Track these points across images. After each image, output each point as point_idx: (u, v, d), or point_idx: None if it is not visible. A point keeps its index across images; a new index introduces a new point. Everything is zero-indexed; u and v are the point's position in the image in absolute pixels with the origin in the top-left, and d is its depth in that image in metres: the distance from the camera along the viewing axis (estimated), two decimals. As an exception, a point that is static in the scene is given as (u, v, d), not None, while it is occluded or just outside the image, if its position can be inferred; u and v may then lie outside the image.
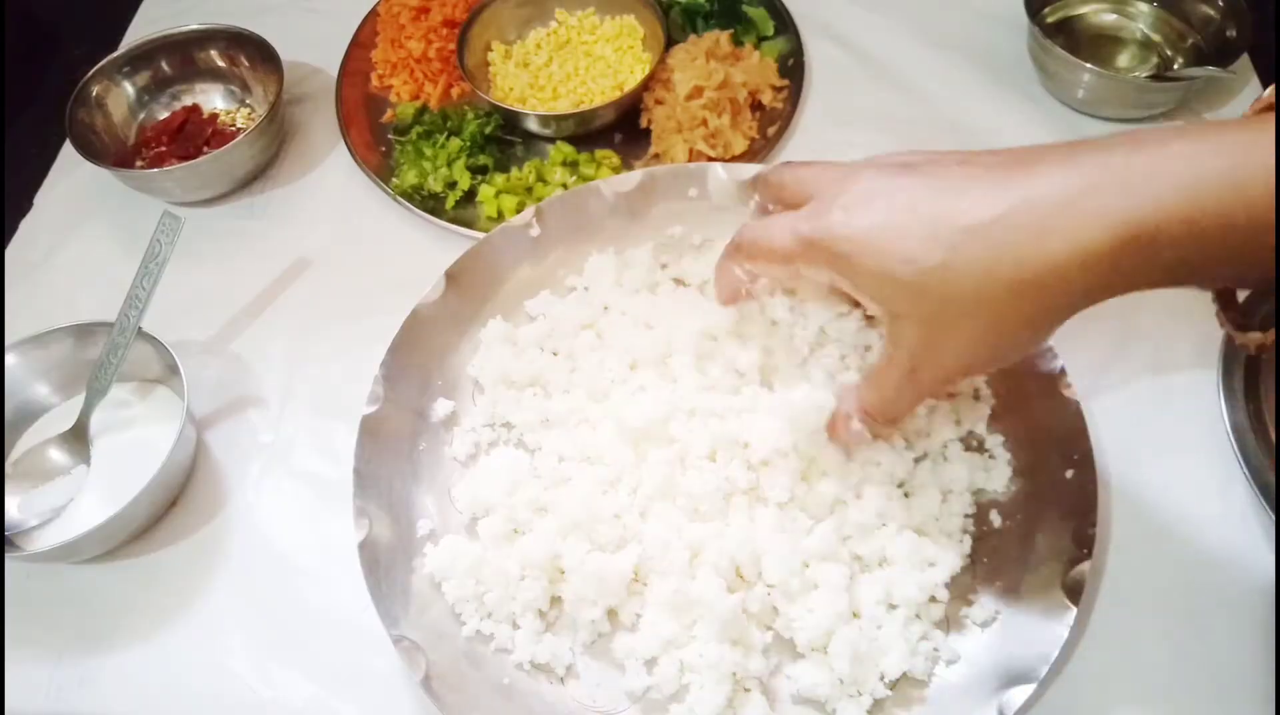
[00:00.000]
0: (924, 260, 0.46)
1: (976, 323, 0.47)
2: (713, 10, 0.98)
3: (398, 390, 0.72)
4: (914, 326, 0.49)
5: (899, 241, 0.47)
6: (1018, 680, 0.57)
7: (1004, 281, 0.45)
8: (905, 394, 0.54)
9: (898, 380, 0.53)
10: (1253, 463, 0.67)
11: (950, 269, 0.46)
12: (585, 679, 0.64)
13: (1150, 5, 0.95)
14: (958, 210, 0.46)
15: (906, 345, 0.50)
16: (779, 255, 0.53)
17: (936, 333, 0.49)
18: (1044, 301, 0.46)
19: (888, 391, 0.54)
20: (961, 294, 0.46)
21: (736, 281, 0.60)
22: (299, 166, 0.96)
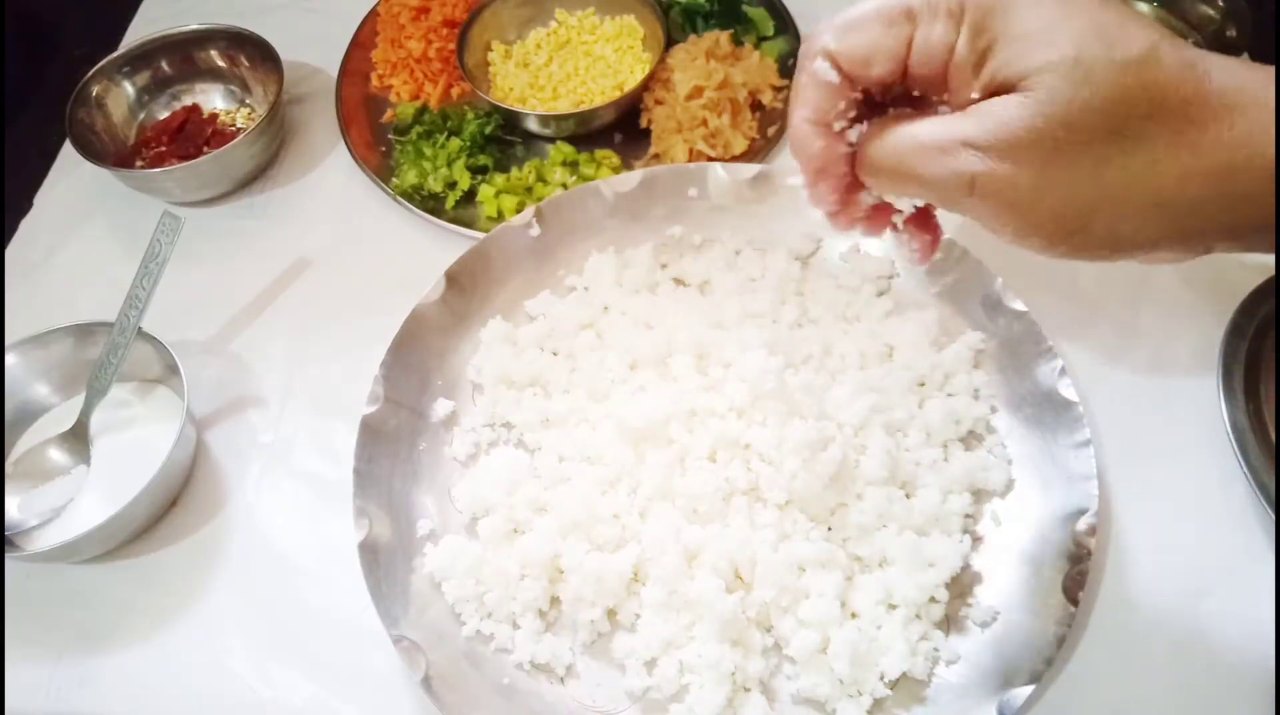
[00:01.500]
0: (1120, 44, 0.36)
1: (1115, 156, 0.37)
2: (713, 10, 0.98)
3: (398, 390, 0.72)
4: (1035, 108, 0.37)
5: (1086, 10, 0.37)
6: (1018, 680, 0.57)
7: (1179, 135, 0.36)
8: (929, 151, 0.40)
9: (939, 133, 0.40)
10: (1253, 463, 0.67)
11: (1144, 72, 0.36)
12: (585, 679, 0.64)
13: (1150, 5, 0.95)
14: (1161, 30, 0.37)
15: (1001, 118, 0.38)
16: (898, 11, 0.40)
17: (1059, 129, 0.37)
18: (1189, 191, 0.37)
19: (916, 134, 0.41)
20: (1132, 112, 0.36)
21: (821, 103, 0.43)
22: (299, 166, 0.96)
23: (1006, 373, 0.71)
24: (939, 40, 0.39)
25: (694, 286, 0.79)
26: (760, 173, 0.80)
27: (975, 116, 0.38)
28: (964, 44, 0.39)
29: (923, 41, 0.40)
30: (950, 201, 0.40)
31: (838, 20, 0.42)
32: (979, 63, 0.39)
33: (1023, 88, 0.37)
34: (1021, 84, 0.37)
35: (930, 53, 0.40)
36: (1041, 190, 0.37)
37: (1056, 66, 0.37)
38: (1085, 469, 0.64)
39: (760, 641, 0.61)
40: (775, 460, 0.63)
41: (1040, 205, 0.38)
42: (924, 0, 0.40)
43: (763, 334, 0.69)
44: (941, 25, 0.39)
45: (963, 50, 0.39)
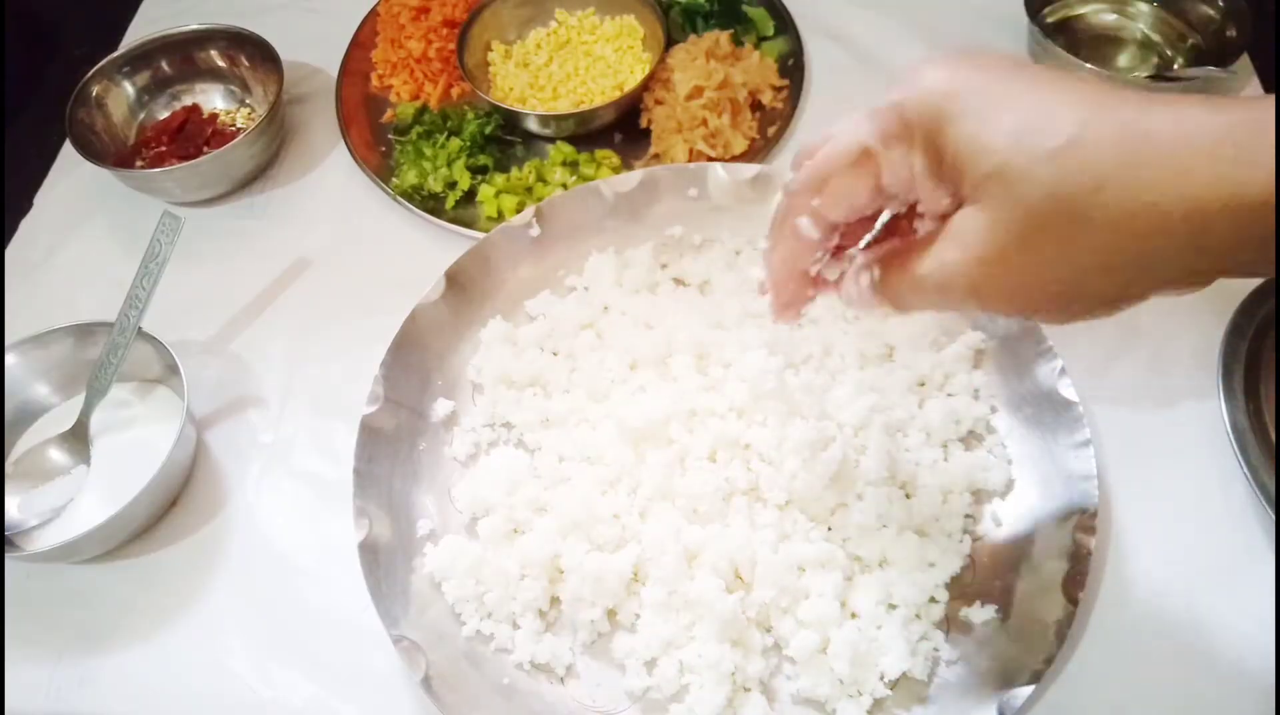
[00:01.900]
0: (1047, 134, 0.37)
1: (1075, 236, 0.38)
2: (713, 10, 0.98)
3: (398, 390, 0.72)
4: (991, 217, 0.40)
5: (1018, 106, 0.39)
6: (1018, 680, 0.57)
7: (1131, 201, 0.36)
8: (931, 290, 0.43)
9: (934, 271, 0.43)
10: (1253, 463, 0.67)
11: (1075, 156, 0.37)
12: (585, 679, 0.64)
13: (1150, 5, 0.95)
14: (1095, 100, 0.38)
15: (969, 238, 0.41)
16: (857, 150, 0.43)
17: (1016, 233, 0.39)
18: (1157, 244, 0.37)
19: (917, 277, 0.44)
20: (1075, 194, 0.37)
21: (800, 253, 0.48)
22: (299, 166, 0.96)
23: (1006, 373, 0.71)
24: (900, 165, 0.43)
25: (694, 286, 0.79)
26: (760, 173, 0.80)
27: (949, 240, 0.42)
28: (918, 162, 0.42)
29: (888, 170, 0.43)
30: (964, 309, 0.47)
31: (809, 175, 0.45)
32: (937, 175, 0.42)
33: (977, 198, 0.40)
34: (975, 194, 0.40)
35: (898, 177, 0.43)
36: (1026, 279, 0.40)
37: (994, 174, 0.39)
38: (1085, 469, 0.64)
39: (760, 641, 0.61)
40: (775, 460, 0.63)
41: (1027, 294, 0.41)
42: (877, 133, 0.43)
43: (763, 334, 0.69)
44: (897, 152, 0.42)
45: (919, 169, 0.42)
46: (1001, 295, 0.42)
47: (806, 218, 0.46)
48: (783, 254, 0.49)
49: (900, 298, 0.46)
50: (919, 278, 0.43)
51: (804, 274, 0.49)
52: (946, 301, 0.44)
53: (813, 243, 0.47)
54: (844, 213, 0.45)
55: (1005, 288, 0.41)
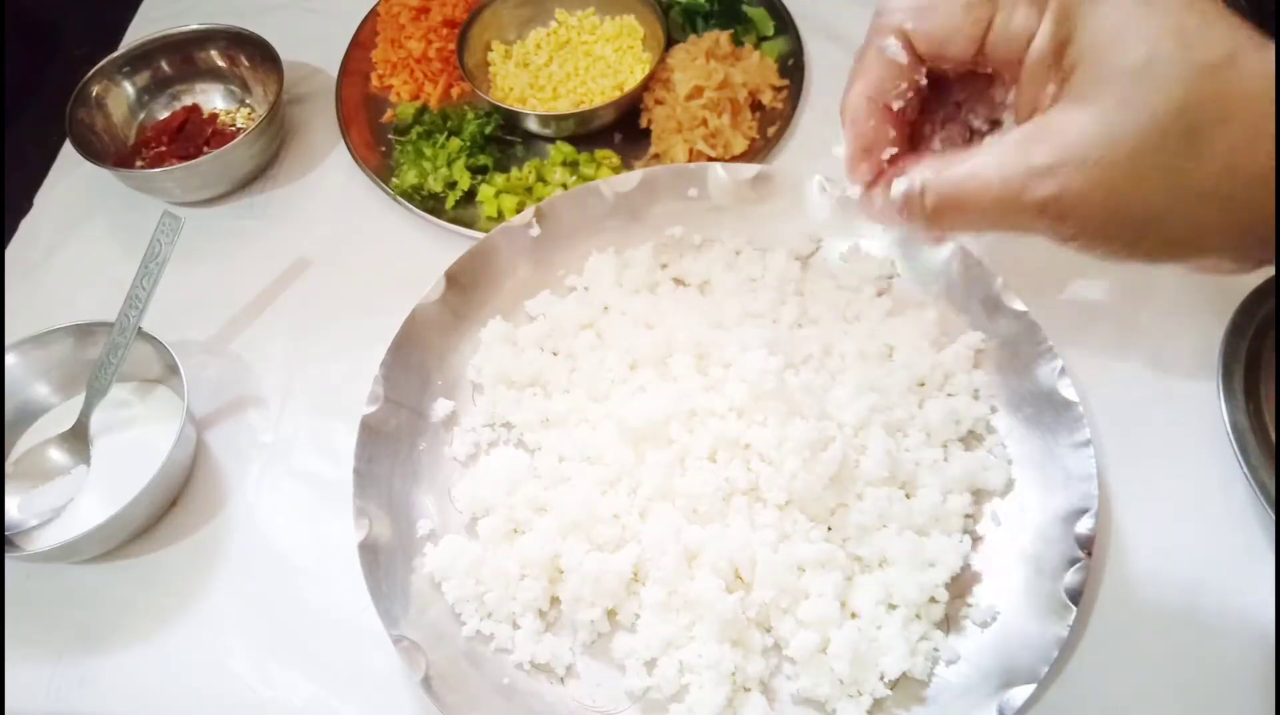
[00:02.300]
0: (1198, 48, 0.35)
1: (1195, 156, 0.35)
2: (713, 10, 0.98)
3: (398, 390, 0.72)
4: (1111, 118, 0.36)
5: (1172, 8, 0.36)
6: (1018, 680, 0.57)
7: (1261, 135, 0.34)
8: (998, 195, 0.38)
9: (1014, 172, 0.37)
10: (1253, 463, 0.67)
11: (1224, 76, 0.34)
12: (585, 679, 0.64)
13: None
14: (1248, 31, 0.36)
15: (1074, 137, 0.36)
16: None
17: (1135, 141, 0.35)
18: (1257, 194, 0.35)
19: (988, 177, 0.38)
20: (1212, 115, 0.34)
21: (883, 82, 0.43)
22: (299, 166, 0.96)
23: (1006, 373, 0.71)
24: (1019, 27, 0.39)
25: (694, 286, 0.79)
26: (760, 173, 0.80)
27: (1041, 138, 0.37)
28: (1044, 34, 0.38)
29: (1003, 27, 0.39)
30: (1020, 229, 0.39)
31: (909, 2, 0.41)
32: (1057, 55, 0.38)
33: (1093, 95, 0.36)
34: (1092, 90, 0.36)
35: (1009, 39, 0.39)
36: (1113, 201, 0.36)
37: (1128, 72, 0.35)
38: (1085, 469, 0.64)
39: (760, 641, 0.61)
40: (775, 460, 0.63)
41: (1110, 215, 0.37)
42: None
43: (763, 334, 0.69)
44: (1023, 11, 0.38)
45: (1042, 41, 0.38)
46: (1086, 209, 0.37)
47: (893, 38, 0.41)
48: (862, 84, 0.42)
49: (950, 198, 0.39)
50: (986, 177, 0.38)
51: (885, 110, 0.42)
52: (1011, 212, 0.38)
53: (896, 69, 0.41)
54: (934, 46, 0.40)
55: (1095, 202, 0.36)
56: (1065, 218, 0.37)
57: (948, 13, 0.40)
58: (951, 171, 0.39)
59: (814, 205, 0.80)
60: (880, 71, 0.42)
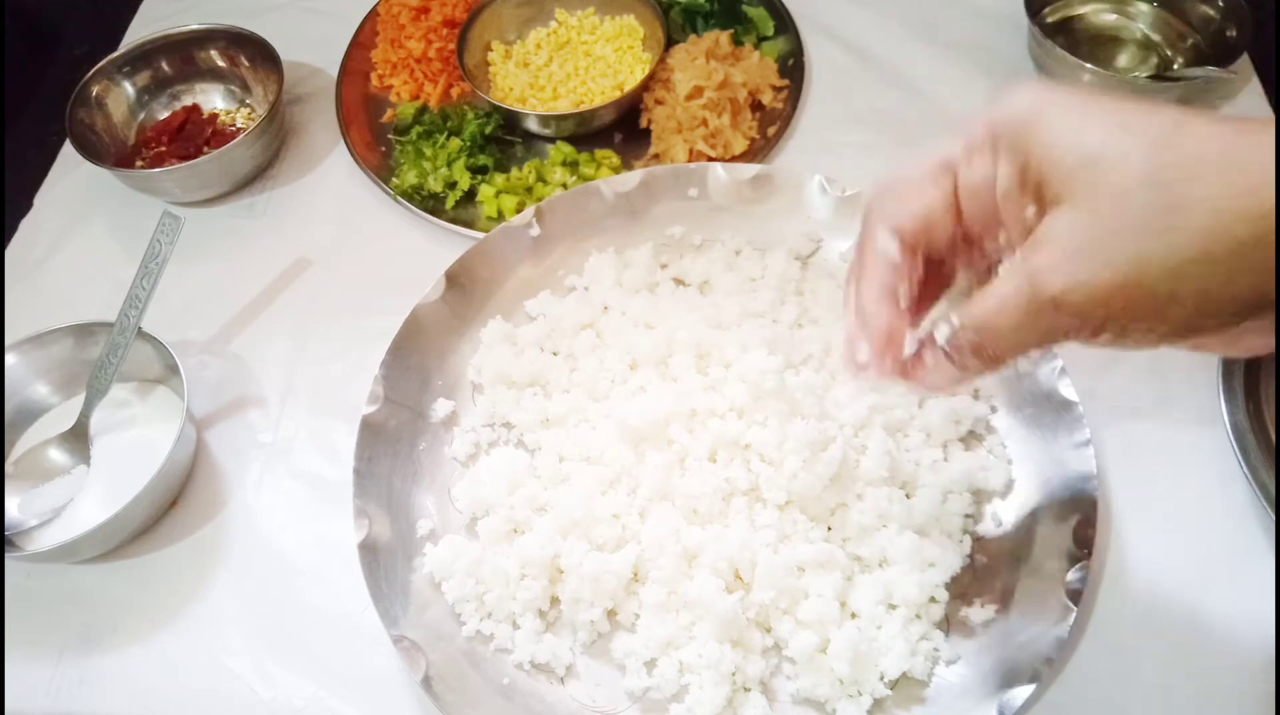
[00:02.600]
0: (1142, 129, 0.37)
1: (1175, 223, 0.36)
2: (713, 10, 0.98)
3: (398, 390, 0.72)
4: (1084, 208, 0.38)
5: (1110, 109, 0.38)
6: (1018, 680, 0.57)
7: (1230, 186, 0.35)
8: (1019, 305, 0.40)
9: (1023, 281, 0.40)
10: (1253, 463, 0.67)
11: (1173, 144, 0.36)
12: (585, 679, 0.64)
13: (1150, 5, 0.95)
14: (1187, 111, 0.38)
15: (1061, 235, 0.39)
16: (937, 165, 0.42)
17: (1112, 222, 0.37)
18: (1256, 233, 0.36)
19: (1004, 295, 0.40)
20: (1174, 180, 0.36)
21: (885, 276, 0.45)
22: (299, 166, 0.96)
23: (1006, 373, 0.71)
24: (981, 176, 0.41)
25: (694, 286, 0.79)
26: (760, 173, 0.80)
27: (1036, 245, 0.39)
28: (1004, 170, 0.41)
29: (967, 183, 0.42)
30: (1057, 336, 0.41)
31: (885, 201, 0.44)
32: (1022, 182, 0.40)
33: (1066, 195, 0.38)
34: (1064, 191, 0.38)
35: (977, 190, 0.41)
36: (1119, 278, 0.37)
37: (1087, 164, 0.37)
38: (1085, 469, 0.64)
39: (760, 642, 0.61)
40: (775, 460, 0.63)
41: (1123, 293, 0.38)
42: (960, 148, 0.41)
43: (763, 334, 0.69)
44: (979, 161, 0.41)
45: (1004, 174, 0.41)
46: (1097, 297, 0.38)
47: (884, 233, 0.44)
48: (870, 288, 0.45)
49: (984, 328, 0.42)
50: (1004, 298, 0.40)
51: (895, 301, 0.45)
52: (1035, 317, 0.40)
53: (894, 264, 0.44)
54: (919, 226, 0.43)
55: (1101, 288, 0.38)
56: (1084, 308, 0.39)
57: (921, 196, 0.43)
58: (977, 305, 0.42)
59: (814, 205, 0.80)
60: (883, 274, 0.45)
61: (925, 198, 0.43)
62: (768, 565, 0.61)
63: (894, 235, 0.44)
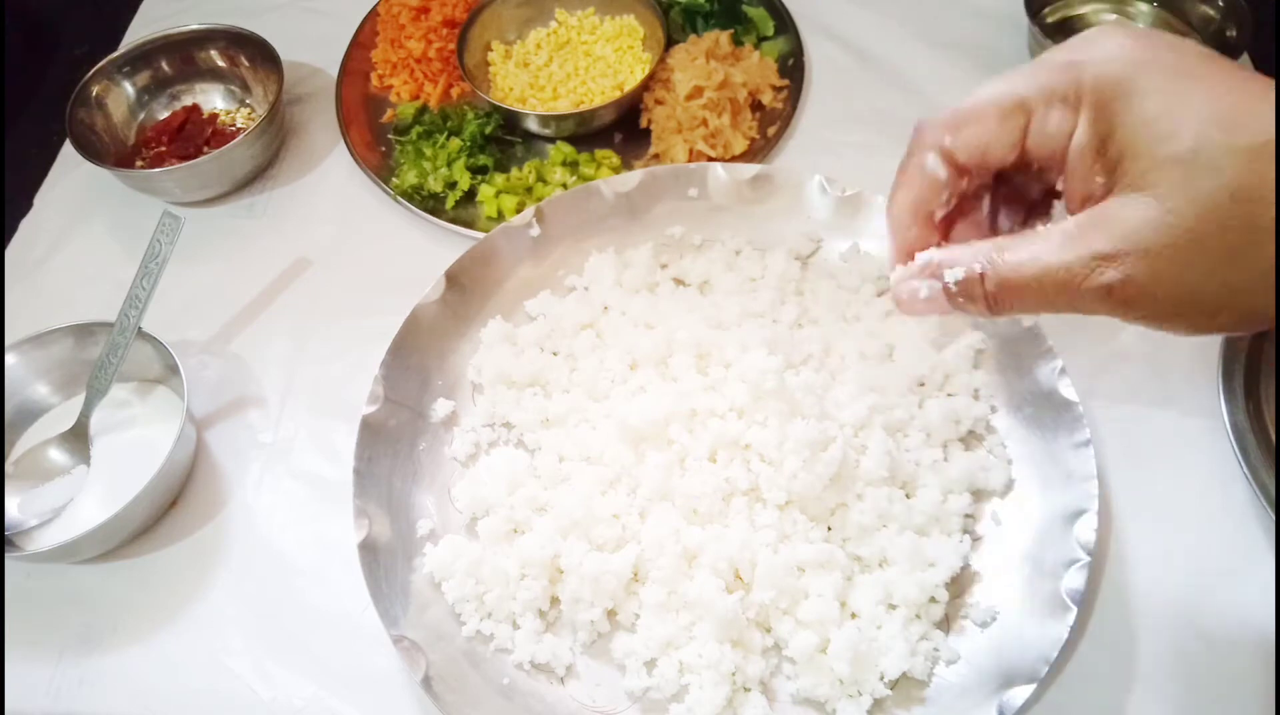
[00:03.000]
0: (1246, 129, 0.34)
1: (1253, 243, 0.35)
2: (713, 10, 0.98)
3: (398, 390, 0.72)
4: (1164, 206, 0.36)
5: (1214, 92, 0.35)
6: (1018, 680, 0.57)
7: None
8: (1061, 282, 0.38)
9: (1074, 262, 0.38)
10: (1253, 463, 0.67)
11: (1270, 158, 0.34)
12: (585, 679, 0.64)
13: (1150, 5, 0.95)
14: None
15: (1130, 228, 0.36)
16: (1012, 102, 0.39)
17: (1190, 228, 0.35)
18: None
19: (1048, 266, 0.38)
20: (1264, 198, 0.34)
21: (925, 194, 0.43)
22: (299, 166, 0.96)
23: (1006, 373, 0.71)
24: (1056, 128, 0.39)
25: (694, 286, 0.79)
26: (760, 173, 0.80)
27: (1101, 226, 0.37)
28: (1083, 132, 0.38)
29: (1039, 130, 0.39)
30: (1088, 311, 0.39)
31: (950, 114, 0.41)
32: (1100, 151, 0.38)
33: (1146, 184, 0.36)
34: (1145, 180, 0.36)
35: (1048, 141, 0.39)
36: (1181, 285, 0.36)
37: (1178, 161, 0.35)
38: (1085, 469, 0.64)
39: (760, 641, 0.61)
40: (775, 460, 0.63)
41: (1181, 298, 0.37)
42: (1038, 88, 0.39)
43: (763, 334, 0.69)
44: (1058, 113, 0.39)
45: (1082, 139, 0.38)
46: (1154, 295, 0.37)
47: (934, 154, 0.42)
48: (904, 196, 0.44)
49: (1013, 286, 0.40)
50: (1047, 269, 0.38)
51: (928, 218, 0.44)
52: (1073, 296, 0.38)
53: (938, 183, 0.42)
54: (975, 158, 0.41)
55: (1158, 288, 0.37)
56: (1131, 304, 0.38)
57: (984, 125, 0.40)
58: (1011, 256, 0.40)
59: (814, 205, 0.80)
60: (922, 184, 0.43)
61: (990, 131, 0.40)
62: (768, 565, 0.61)
63: (944, 159, 0.42)
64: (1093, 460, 0.64)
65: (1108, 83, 0.37)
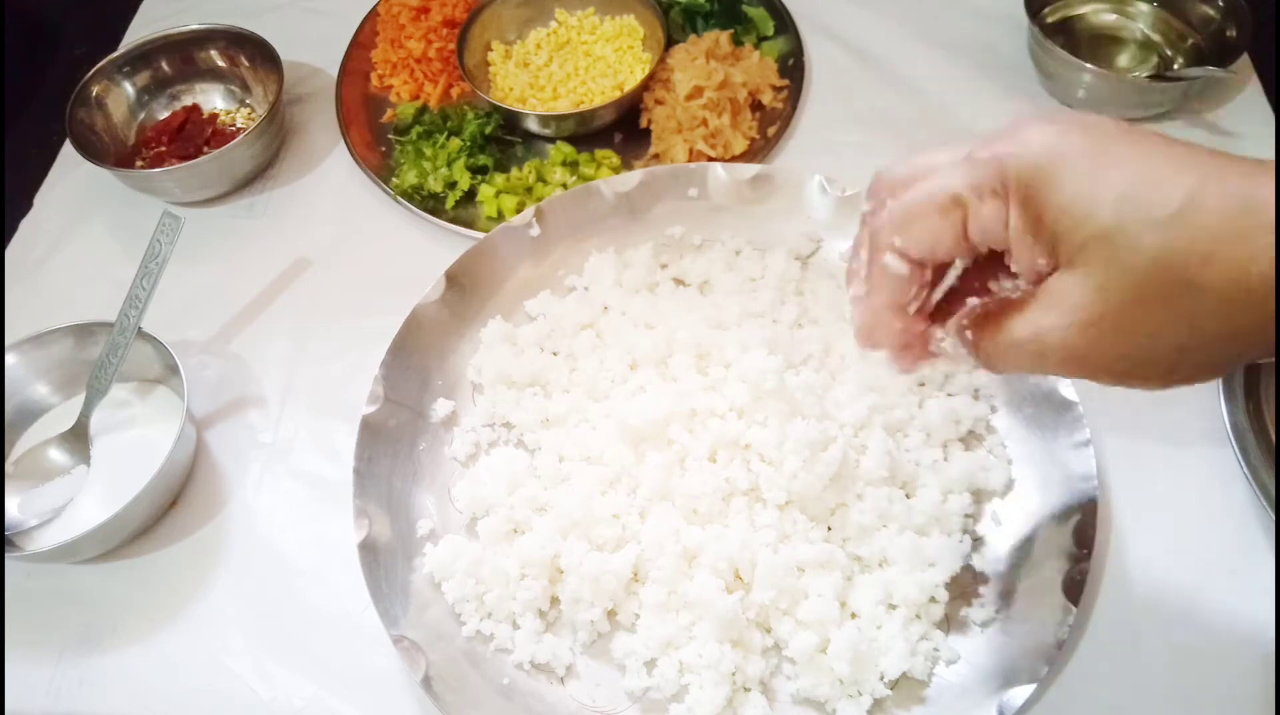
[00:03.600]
0: (1155, 203, 0.36)
1: (1186, 305, 0.37)
2: (713, 10, 0.98)
3: (398, 390, 0.72)
4: (1094, 282, 0.38)
5: (1125, 170, 0.37)
6: (1018, 680, 0.57)
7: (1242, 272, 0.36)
8: (1026, 355, 0.42)
9: (1030, 337, 0.41)
10: (1253, 463, 0.67)
11: (1184, 225, 0.36)
12: (585, 679, 0.64)
13: (1150, 5, 0.95)
14: (1203, 169, 0.37)
15: (1069, 304, 0.39)
16: (948, 199, 0.41)
17: (1121, 299, 0.38)
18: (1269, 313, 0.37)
19: (1012, 341, 0.42)
20: (1186, 263, 0.36)
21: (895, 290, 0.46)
22: (299, 166, 0.96)
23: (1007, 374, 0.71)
24: (991, 219, 0.41)
25: (694, 286, 0.79)
26: (760, 173, 0.80)
27: (1045, 305, 0.40)
28: (1015, 220, 0.40)
29: (976, 223, 0.41)
30: (1059, 374, 0.44)
31: (894, 215, 0.44)
32: (1034, 233, 0.40)
33: (1078, 263, 0.39)
34: (1075, 259, 0.39)
35: (986, 231, 0.41)
36: (1130, 347, 0.39)
37: (1101, 238, 0.37)
38: (1085, 469, 0.64)
39: (760, 642, 0.61)
40: (775, 460, 0.63)
41: (1134, 360, 0.40)
42: (968, 184, 0.41)
43: (763, 334, 0.69)
44: (989, 206, 0.41)
45: (1016, 225, 0.40)
46: (1101, 363, 0.41)
47: (892, 255, 0.44)
48: (881, 300, 0.47)
49: (993, 360, 0.44)
50: (1014, 342, 0.42)
51: (905, 316, 0.47)
52: (1042, 366, 0.43)
53: (902, 279, 0.45)
54: (926, 254, 0.44)
55: (1106, 356, 0.40)
56: (1089, 368, 0.41)
57: (928, 222, 0.43)
58: (984, 337, 0.44)
59: (814, 205, 0.80)
60: (891, 286, 0.45)
61: (934, 227, 0.43)
62: (768, 565, 0.61)
63: (901, 257, 0.44)
64: (1093, 460, 0.64)
65: (1028, 172, 0.39)
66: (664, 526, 0.63)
